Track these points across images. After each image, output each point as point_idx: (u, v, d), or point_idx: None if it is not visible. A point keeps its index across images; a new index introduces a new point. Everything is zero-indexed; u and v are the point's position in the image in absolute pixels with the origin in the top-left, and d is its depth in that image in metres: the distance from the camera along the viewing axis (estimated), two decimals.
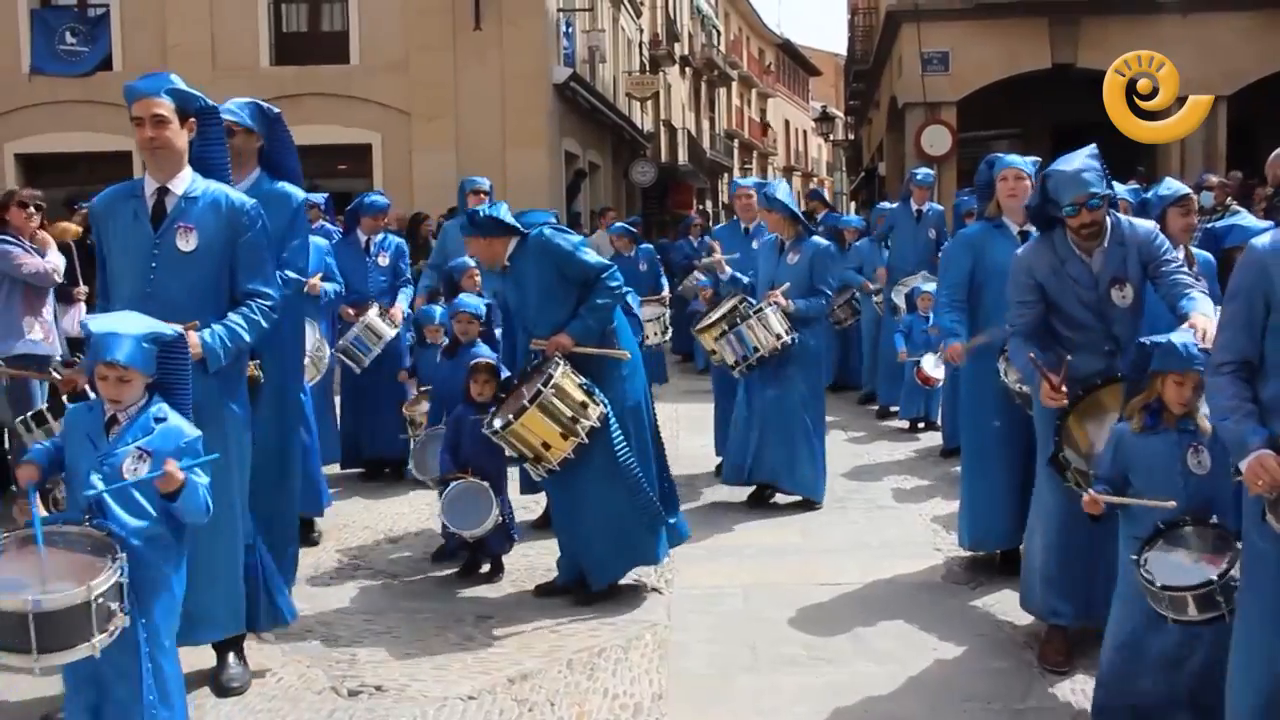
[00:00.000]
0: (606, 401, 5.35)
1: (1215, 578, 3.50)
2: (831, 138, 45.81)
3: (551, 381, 5.19)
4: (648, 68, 30.69)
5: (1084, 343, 4.53)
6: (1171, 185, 5.45)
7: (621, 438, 5.41)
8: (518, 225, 5.54)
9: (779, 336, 6.87)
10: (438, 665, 4.79)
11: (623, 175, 27.57)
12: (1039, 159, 5.73)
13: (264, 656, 4.82)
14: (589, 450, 5.30)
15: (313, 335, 6.44)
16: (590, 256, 5.56)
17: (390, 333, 7.79)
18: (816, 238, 7.33)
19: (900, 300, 10.15)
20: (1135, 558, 3.73)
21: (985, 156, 5.92)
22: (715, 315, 7.41)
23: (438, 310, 7.83)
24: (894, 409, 10.41)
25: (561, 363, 5.33)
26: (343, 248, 8.07)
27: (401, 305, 8.08)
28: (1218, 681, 3.38)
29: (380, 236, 8.32)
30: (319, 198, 8.37)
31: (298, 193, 5.14)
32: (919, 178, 11.27)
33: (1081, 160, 4.41)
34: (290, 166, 5.28)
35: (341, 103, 19.10)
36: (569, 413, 5.21)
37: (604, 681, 4.59)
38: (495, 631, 5.16)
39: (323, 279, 6.60)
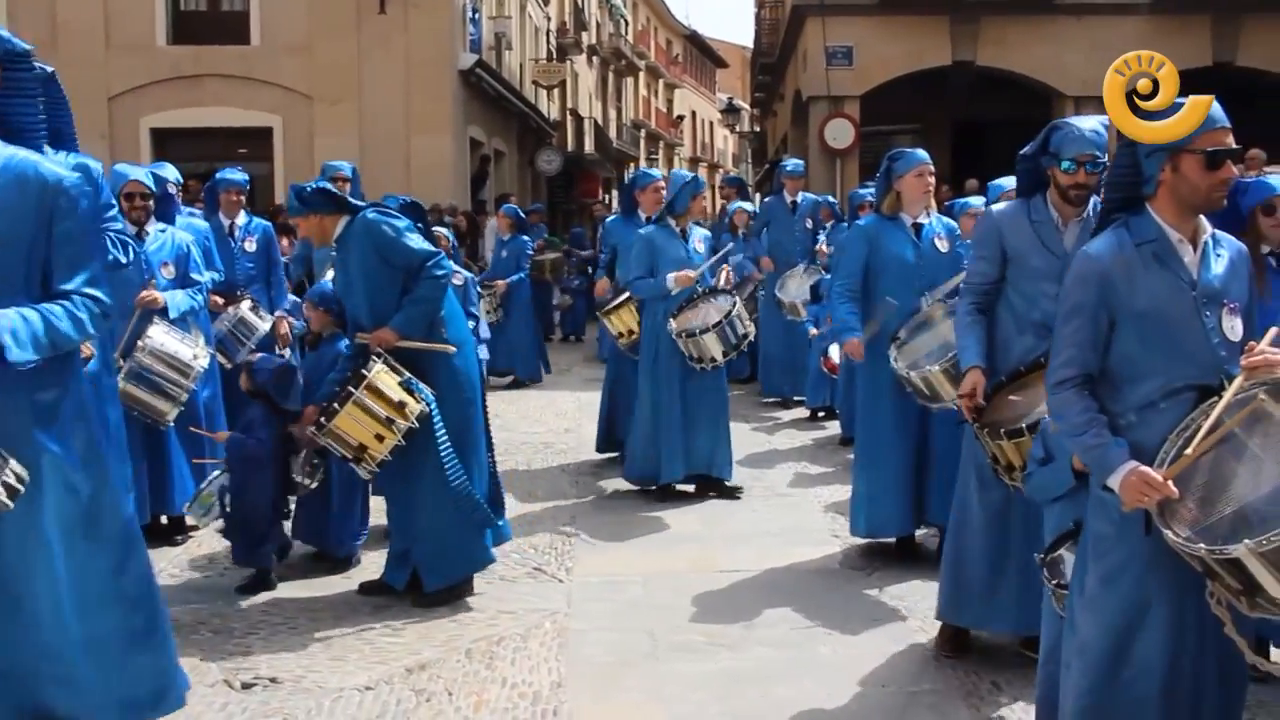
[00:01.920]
0: (431, 398, 5.17)
1: None
2: (737, 129, 46.15)
3: (365, 381, 5.01)
4: (554, 56, 30.55)
5: (1037, 319, 4.37)
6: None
7: (445, 436, 5.17)
8: (347, 200, 5.37)
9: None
10: (334, 656, 4.73)
11: (528, 163, 27.43)
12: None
13: None
14: (414, 449, 5.13)
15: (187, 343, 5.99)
16: (415, 243, 5.29)
17: (264, 328, 7.25)
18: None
19: (783, 295, 10.26)
20: (1041, 556, 3.71)
21: (889, 150, 5.95)
22: (625, 295, 7.46)
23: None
24: (798, 399, 10.52)
25: (378, 360, 5.12)
26: (210, 233, 7.37)
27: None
28: None
29: (245, 220, 7.70)
30: (242, 178, 7.82)
31: (94, 164, 4.55)
32: (788, 168, 11.41)
33: (1095, 122, 4.28)
34: (68, 134, 4.32)
35: (241, 85, 18.70)
36: (384, 413, 5.03)
37: (503, 670, 4.58)
38: (393, 622, 5.11)
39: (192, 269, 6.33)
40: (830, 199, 11.77)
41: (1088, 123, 4.32)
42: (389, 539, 5.60)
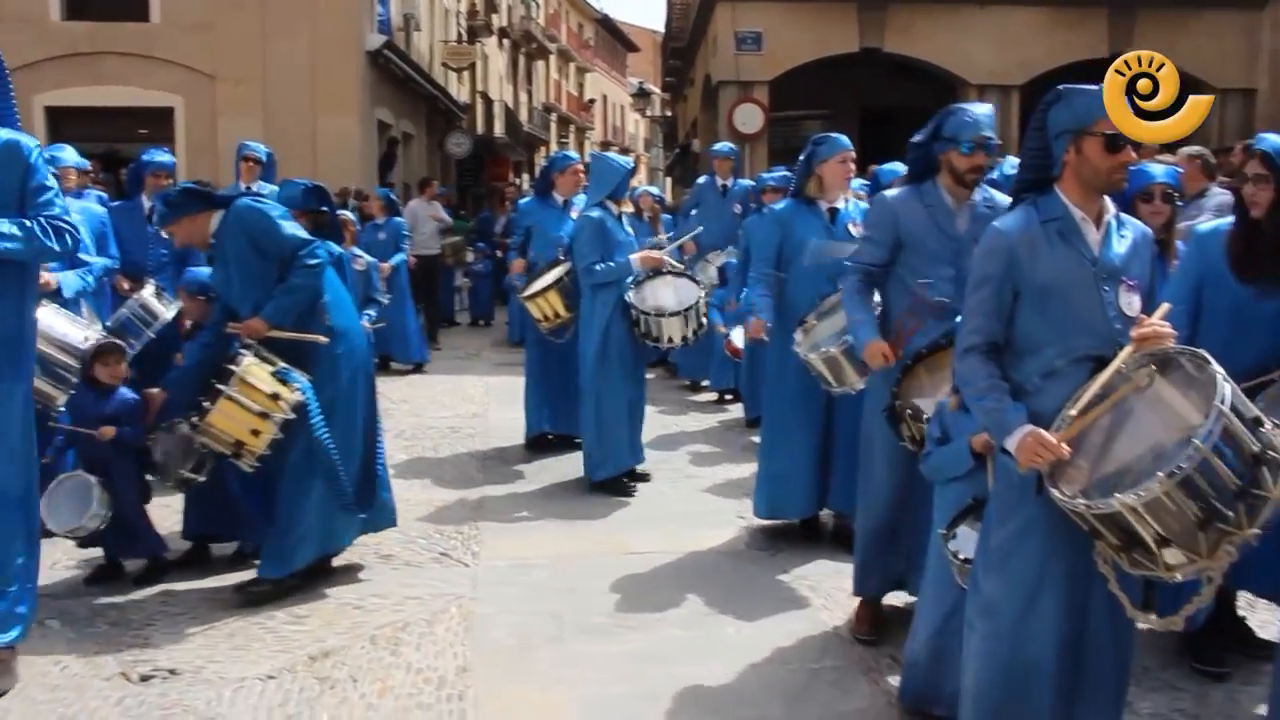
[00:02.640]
0: (307, 386, 5.07)
1: None
2: (648, 113, 46.15)
3: (234, 377, 4.90)
4: (465, 38, 30.26)
5: (939, 301, 4.48)
6: (1013, 163, 5.39)
7: (323, 423, 5.07)
8: (215, 194, 5.24)
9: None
10: (236, 645, 4.67)
11: (438, 146, 27.16)
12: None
13: (47, 644, 4.61)
14: (288, 437, 5.03)
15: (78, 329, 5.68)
16: (289, 230, 5.18)
17: (167, 315, 6.82)
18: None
19: (702, 277, 10.30)
20: (943, 531, 3.83)
21: (813, 135, 5.93)
22: (549, 279, 7.41)
23: None
24: (704, 383, 10.60)
25: (247, 352, 5.01)
26: (121, 214, 7.33)
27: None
28: None
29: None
30: (170, 160, 7.52)
31: (29, 140, 4.23)
32: (716, 150, 11.46)
33: (986, 108, 4.45)
34: (6, 111, 4.24)
35: (141, 63, 18.21)
36: (258, 406, 4.92)
37: (408, 656, 4.56)
38: (297, 609, 5.06)
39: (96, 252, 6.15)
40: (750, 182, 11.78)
41: (981, 108, 4.46)
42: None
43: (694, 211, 11.24)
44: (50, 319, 5.53)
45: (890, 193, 4.75)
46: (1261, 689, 4.15)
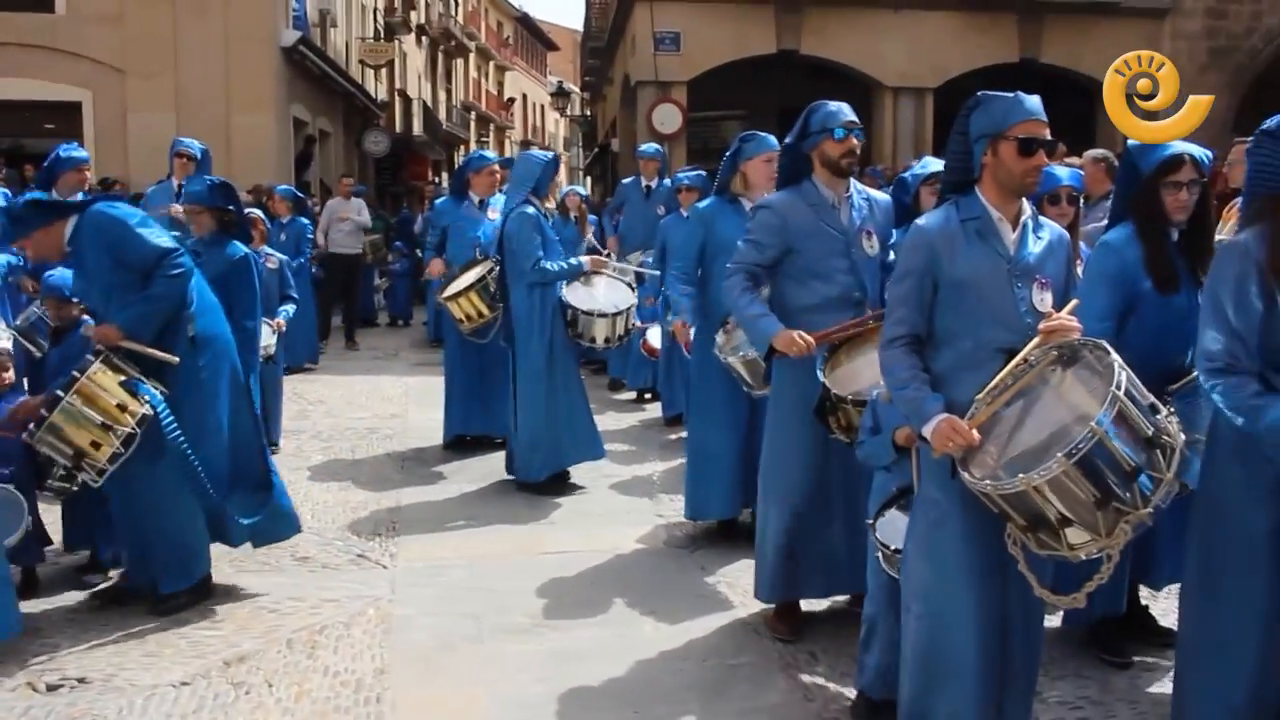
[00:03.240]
0: (158, 399, 4.78)
1: None
2: (568, 113, 46.07)
3: (75, 385, 4.64)
4: (382, 35, 29.95)
5: (835, 294, 4.58)
6: (928, 163, 5.51)
7: (178, 435, 4.79)
8: (63, 202, 5.03)
9: None
10: (148, 652, 4.60)
11: (355, 144, 26.85)
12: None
13: None
14: (146, 450, 4.77)
15: None
16: (149, 238, 4.88)
17: (74, 313, 6.89)
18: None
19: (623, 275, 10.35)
20: (870, 521, 3.97)
21: (740, 133, 5.96)
22: (469, 280, 7.38)
23: None
24: (625, 381, 10.63)
25: (95, 359, 4.74)
26: None
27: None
28: None
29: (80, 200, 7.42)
30: (85, 156, 7.33)
31: None
32: (642, 150, 11.52)
33: (842, 104, 4.60)
34: None
35: (46, 55, 17.76)
36: (99, 417, 4.65)
37: (325, 659, 4.52)
38: (210, 613, 4.99)
39: None
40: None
41: (834, 102, 4.60)
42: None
43: (619, 213, 11.28)
44: None
45: (773, 196, 4.80)
46: (1162, 674, 4.30)
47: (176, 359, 4.94)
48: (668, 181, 11.32)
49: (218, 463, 5.07)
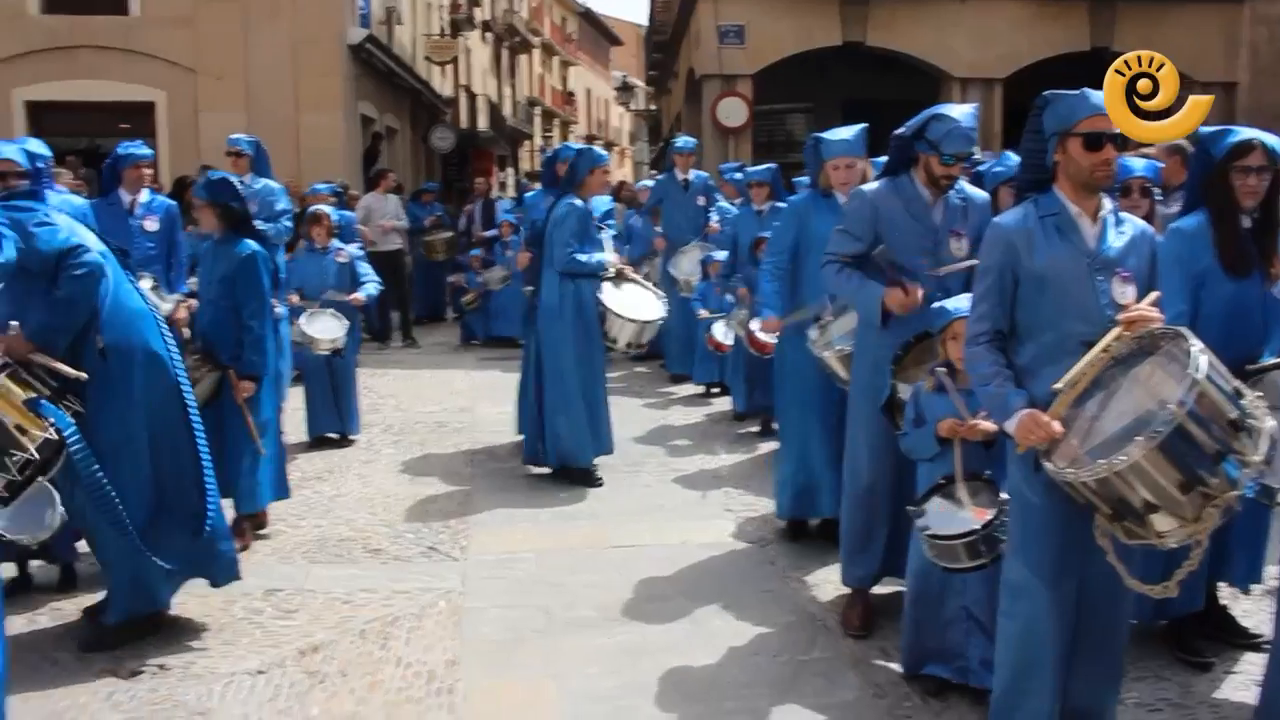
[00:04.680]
0: (66, 423, 4.19)
1: (979, 527, 3.76)
2: (632, 107, 46.07)
3: None
4: (447, 31, 30.15)
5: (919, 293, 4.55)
6: (1009, 162, 5.50)
7: (88, 464, 4.25)
8: None
9: None
10: (225, 640, 4.68)
11: (421, 141, 27.06)
12: (864, 125, 5.67)
13: (37, 640, 4.60)
14: (66, 474, 4.28)
15: None
16: (47, 237, 4.42)
17: (165, 308, 6.68)
18: None
19: (676, 272, 10.34)
20: (912, 508, 4.04)
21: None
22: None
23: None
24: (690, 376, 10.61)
25: (1, 374, 4.20)
26: (103, 209, 7.03)
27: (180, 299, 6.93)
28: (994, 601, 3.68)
29: (148, 197, 7.34)
30: (148, 153, 7.46)
31: None
32: (678, 145, 11.45)
33: (970, 117, 4.53)
34: None
35: (121, 57, 18.06)
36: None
37: (397, 650, 4.57)
38: (285, 604, 5.06)
39: None
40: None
41: (966, 116, 4.51)
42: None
43: (655, 213, 11.22)
44: None
45: (868, 186, 4.80)
46: (1244, 677, 4.20)
47: (84, 375, 4.43)
48: (702, 173, 11.31)
49: (136, 493, 4.55)
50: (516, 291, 13.41)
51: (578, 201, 6.95)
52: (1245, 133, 4.14)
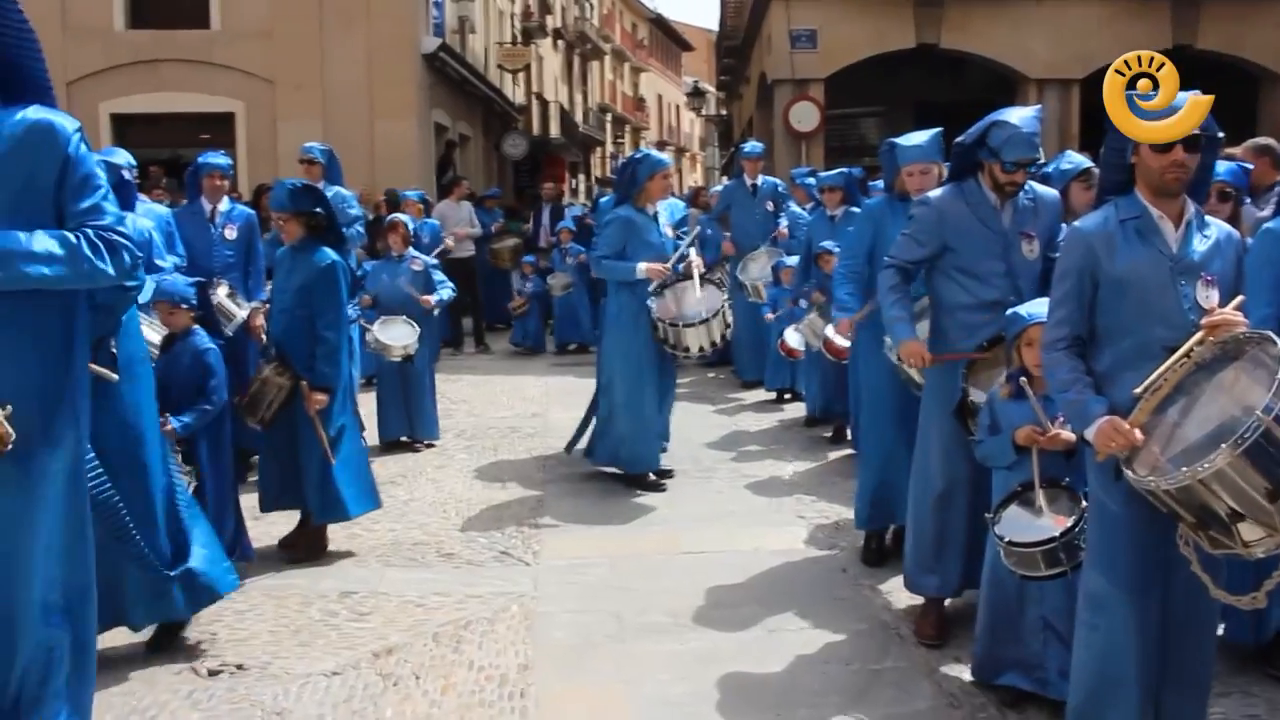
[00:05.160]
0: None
1: (1058, 535, 3.69)
2: (704, 112, 46.04)
3: None
4: (519, 39, 30.40)
5: (991, 297, 4.53)
6: (1074, 159, 5.43)
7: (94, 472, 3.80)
8: None
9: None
10: (301, 642, 4.74)
11: (494, 148, 27.30)
12: (939, 130, 5.58)
13: (114, 637, 4.68)
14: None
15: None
16: None
17: (241, 315, 7.02)
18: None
19: (744, 277, 10.29)
20: (989, 515, 3.98)
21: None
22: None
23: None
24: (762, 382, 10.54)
25: None
26: (185, 217, 7.38)
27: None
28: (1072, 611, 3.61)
29: (228, 206, 7.57)
30: (226, 162, 7.71)
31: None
32: (746, 150, 11.41)
33: (1032, 121, 4.50)
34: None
35: (202, 69, 18.50)
36: None
37: (470, 654, 4.59)
38: (359, 607, 5.12)
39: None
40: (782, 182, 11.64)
41: (1026, 121, 4.47)
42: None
43: (724, 219, 11.17)
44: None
45: (935, 193, 4.76)
46: None
47: (114, 376, 4.11)
48: (770, 178, 11.23)
49: (142, 502, 4.29)
50: (578, 298, 13.59)
51: (622, 210, 7.02)
52: None
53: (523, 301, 13.80)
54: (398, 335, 8.08)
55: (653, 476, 7.14)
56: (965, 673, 4.33)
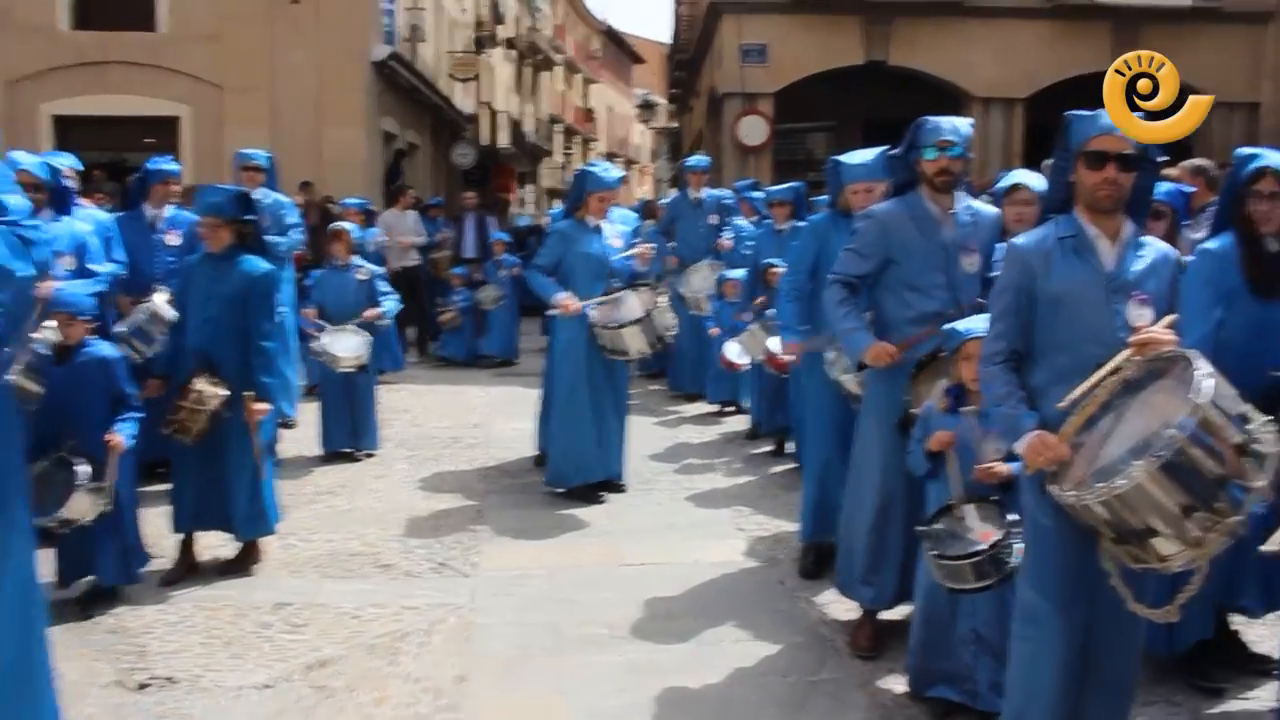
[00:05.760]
0: None
1: (984, 548, 3.75)
2: (654, 125, 46.17)
3: None
4: (471, 48, 30.33)
5: (932, 309, 4.57)
6: (1013, 177, 5.42)
7: None
8: None
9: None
10: (233, 654, 4.68)
11: (443, 157, 27.20)
12: (885, 148, 5.47)
13: None
14: None
15: None
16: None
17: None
18: None
19: (686, 290, 10.32)
20: (921, 528, 4.04)
21: (836, 154, 5.91)
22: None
23: None
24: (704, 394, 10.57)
25: None
26: (126, 223, 7.25)
27: None
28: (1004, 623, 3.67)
29: (171, 212, 7.44)
30: (176, 169, 7.59)
31: None
32: (690, 163, 11.44)
33: (956, 118, 4.63)
34: None
35: (148, 72, 18.25)
36: None
37: (405, 666, 4.56)
38: (294, 619, 5.07)
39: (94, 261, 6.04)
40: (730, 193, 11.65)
41: (946, 119, 4.61)
42: None
43: (670, 231, 11.19)
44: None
45: (879, 206, 4.80)
46: (1256, 704, 4.16)
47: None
48: (715, 191, 11.27)
49: None
50: (508, 311, 13.52)
51: (562, 223, 7.12)
52: (1263, 159, 4.14)
53: (453, 314, 13.65)
54: (348, 346, 8.01)
55: (597, 489, 7.12)
56: (900, 685, 4.36)
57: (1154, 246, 3.48)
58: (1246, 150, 4.26)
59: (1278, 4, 19.69)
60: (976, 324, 4.02)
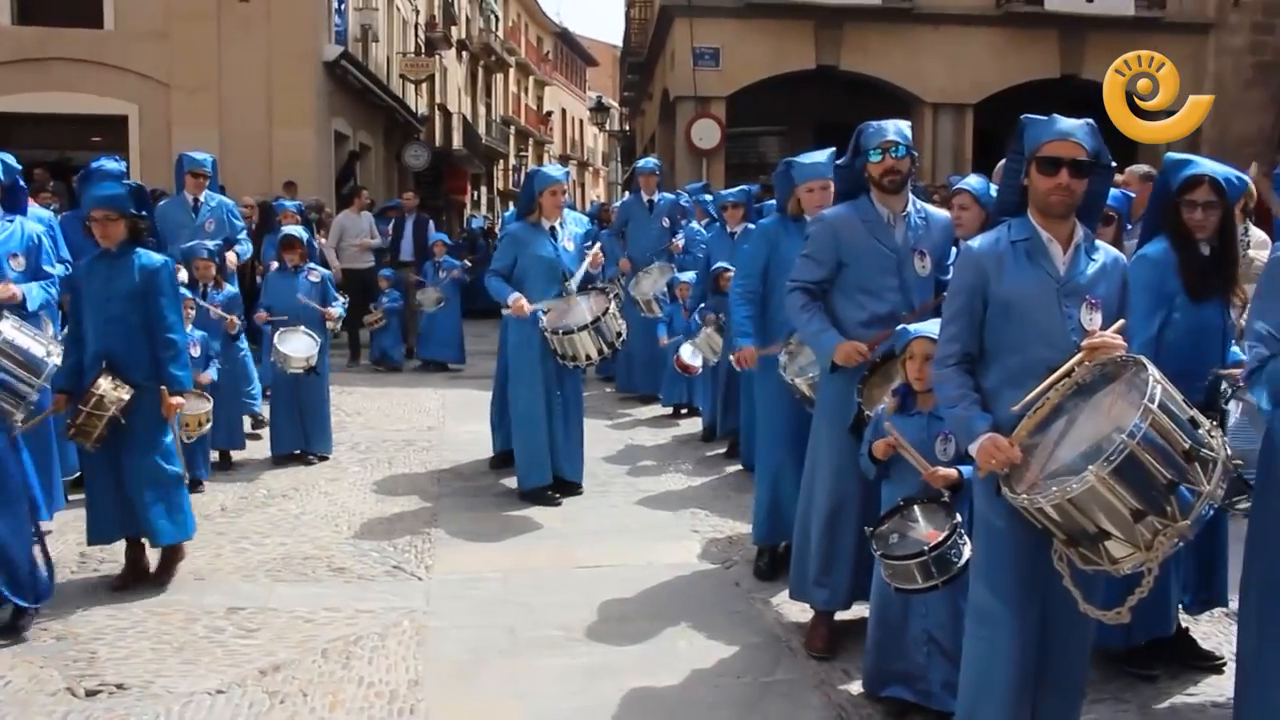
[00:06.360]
0: None
1: (928, 548, 3.79)
2: (607, 127, 46.19)
3: None
4: (423, 50, 30.18)
5: (884, 312, 4.62)
6: (965, 183, 5.48)
7: None
8: None
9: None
10: (185, 660, 4.63)
11: (395, 158, 27.04)
12: (835, 149, 5.54)
13: None
14: None
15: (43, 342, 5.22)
16: None
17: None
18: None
19: (637, 293, 10.34)
20: (870, 529, 4.07)
21: (789, 157, 5.94)
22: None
23: None
24: (658, 396, 10.58)
25: None
26: (71, 224, 7.14)
27: None
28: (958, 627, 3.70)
29: None
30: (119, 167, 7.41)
31: None
32: (641, 166, 11.48)
33: (896, 121, 4.67)
34: None
35: (94, 70, 17.96)
36: None
37: (359, 670, 4.54)
38: (247, 623, 5.02)
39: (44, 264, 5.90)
40: (686, 195, 11.68)
41: (887, 122, 4.65)
42: None
43: (623, 234, 11.23)
44: (11, 333, 5.09)
45: (829, 211, 4.85)
46: (1202, 699, 4.25)
47: None
48: (668, 195, 11.32)
49: None
50: (449, 314, 13.43)
51: (514, 225, 7.13)
52: (1198, 166, 4.24)
53: (379, 316, 13.50)
54: (298, 347, 7.96)
55: (550, 492, 7.12)
56: (854, 685, 4.40)
57: (1105, 251, 3.52)
58: (1177, 156, 4.34)
59: (1217, 15, 20.07)
60: (925, 326, 4.08)
